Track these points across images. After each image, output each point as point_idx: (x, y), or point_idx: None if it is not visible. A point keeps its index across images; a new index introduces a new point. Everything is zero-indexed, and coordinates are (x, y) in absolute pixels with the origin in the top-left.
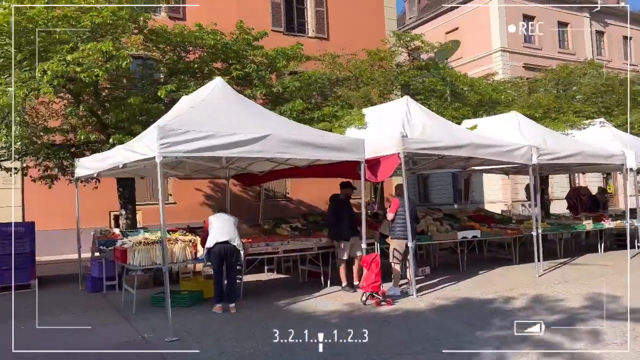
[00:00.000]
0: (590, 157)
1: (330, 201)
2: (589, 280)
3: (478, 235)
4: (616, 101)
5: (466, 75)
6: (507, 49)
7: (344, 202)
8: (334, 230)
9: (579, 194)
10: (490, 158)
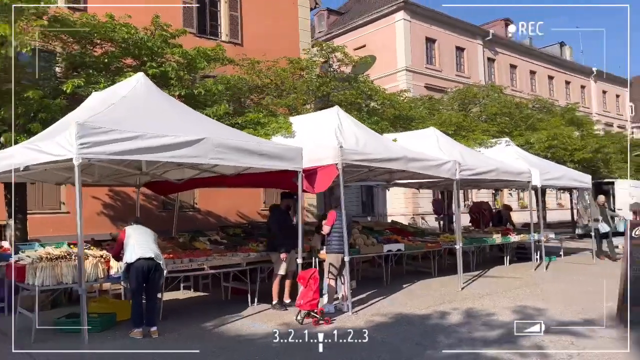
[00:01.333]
0: (504, 173)
1: (271, 211)
2: (508, 292)
3: (402, 249)
4: (513, 123)
5: (385, 90)
6: (411, 68)
7: (286, 213)
8: (276, 242)
9: (481, 208)
10: (420, 172)
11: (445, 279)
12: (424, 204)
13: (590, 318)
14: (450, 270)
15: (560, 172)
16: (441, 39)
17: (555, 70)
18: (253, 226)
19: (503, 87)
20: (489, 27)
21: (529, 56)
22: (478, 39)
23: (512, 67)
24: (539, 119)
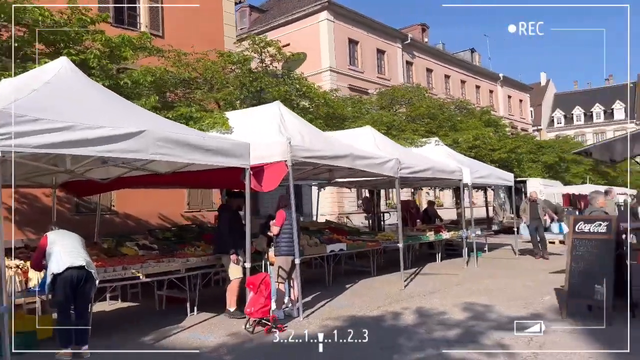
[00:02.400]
0: (439, 172)
1: (222, 212)
2: (450, 289)
3: (344, 249)
4: (437, 124)
5: (319, 87)
6: (335, 69)
7: (237, 214)
8: (229, 244)
9: (409, 207)
10: (365, 169)
11: (385, 278)
12: (347, 204)
13: (536, 312)
14: (387, 268)
15: (488, 171)
16: (363, 41)
17: (467, 75)
18: (203, 228)
19: (427, 88)
20: (407, 31)
21: (444, 61)
22: (397, 42)
23: (429, 71)
24: (459, 120)
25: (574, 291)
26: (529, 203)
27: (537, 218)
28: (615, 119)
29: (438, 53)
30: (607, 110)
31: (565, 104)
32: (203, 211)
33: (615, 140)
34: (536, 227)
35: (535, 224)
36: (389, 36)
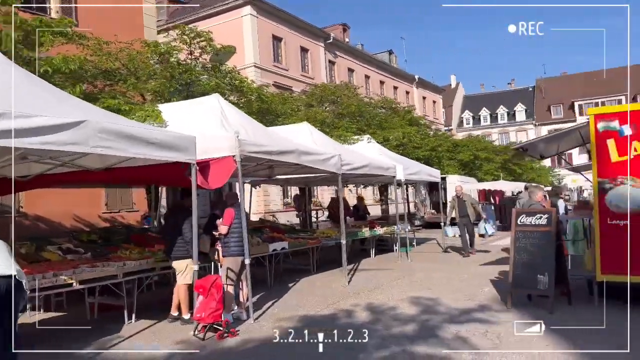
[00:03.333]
0: (375, 168)
1: (179, 213)
2: (392, 284)
3: (287, 247)
4: (365, 122)
5: (252, 82)
6: (260, 65)
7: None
8: (188, 246)
9: (339, 204)
10: (311, 165)
11: (326, 275)
12: (273, 202)
13: (482, 303)
14: (324, 265)
15: (417, 168)
16: (287, 38)
17: (385, 76)
18: (130, 229)
19: (356, 87)
20: (329, 30)
21: (364, 61)
22: (320, 41)
23: (350, 71)
24: (385, 119)
25: (517, 282)
26: (457, 199)
27: (465, 215)
28: (517, 120)
29: (359, 53)
30: (510, 112)
31: (473, 106)
32: (122, 212)
33: (548, 138)
34: (465, 224)
35: (464, 221)
36: (313, 35)
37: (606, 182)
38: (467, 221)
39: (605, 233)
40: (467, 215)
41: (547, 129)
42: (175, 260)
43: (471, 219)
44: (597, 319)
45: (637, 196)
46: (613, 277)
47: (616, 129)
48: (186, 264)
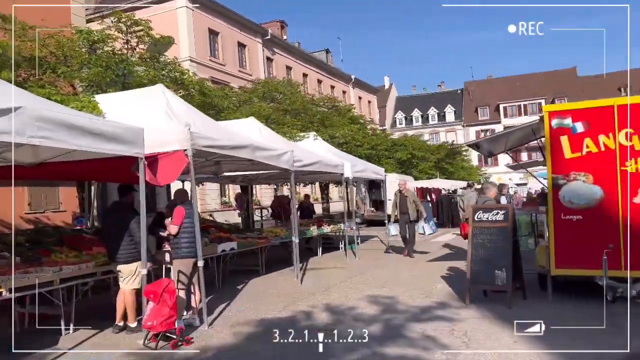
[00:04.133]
0: (325, 165)
1: (121, 211)
2: (345, 283)
3: (235, 247)
4: (308, 119)
5: (194, 75)
6: (196, 59)
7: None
8: (137, 247)
9: (283, 202)
10: (264, 161)
11: (275, 276)
12: (210, 201)
13: (440, 300)
14: (271, 266)
15: (363, 166)
16: (224, 33)
17: (323, 75)
18: (61, 230)
19: (299, 83)
20: (267, 27)
21: (302, 59)
22: (258, 37)
23: (288, 69)
24: (327, 117)
25: (475, 278)
26: (399, 195)
27: (406, 212)
28: (447, 121)
29: (297, 51)
30: (440, 113)
31: (405, 107)
32: (48, 212)
33: (498, 136)
34: (406, 222)
35: (405, 218)
36: (250, 30)
37: (560, 177)
38: (408, 219)
39: (559, 228)
40: (408, 212)
41: (474, 130)
42: (123, 263)
43: (411, 217)
44: (553, 312)
45: (589, 192)
46: (567, 271)
47: (569, 126)
48: (135, 268)
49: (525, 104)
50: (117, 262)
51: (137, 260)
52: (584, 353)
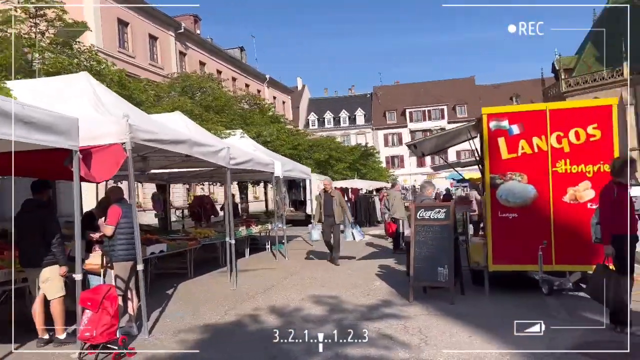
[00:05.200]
0: (257, 164)
1: (38, 209)
2: (283, 284)
3: (165, 250)
4: (230, 117)
5: (113, 65)
6: (103, 50)
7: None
8: (59, 253)
9: (203, 202)
10: (202, 157)
11: (206, 279)
12: None
13: (384, 298)
14: (197, 268)
15: (293, 165)
16: (134, 24)
17: (237, 72)
18: None
19: (221, 79)
20: (179, 20)
21: (217, 56)
22: (170, 30)
23: (202, 64)
24: (248, 115)
25: (418, 275)
26: (324, 196)
27: (332, 215)
28: (358, 124)
29: (211, 47)
30: (351, 115)
31: (318, 108)
32: None
33: (430, 138)
34: (331, 225)
35: (330, 221)
36: (162, 23)
37: (497, 177)
38: (333, 222)
39: (496, 225)
40: (333, 215)
41: (383, 133)
42: (40, 267)
43: (336, 220)
44: (495, 307)
45: (523, 191)
46: (504, 266)
47: (506, 128)
48: (56, 272)
49: (429, 109)
50: (33, 267)
51: (55, 263)
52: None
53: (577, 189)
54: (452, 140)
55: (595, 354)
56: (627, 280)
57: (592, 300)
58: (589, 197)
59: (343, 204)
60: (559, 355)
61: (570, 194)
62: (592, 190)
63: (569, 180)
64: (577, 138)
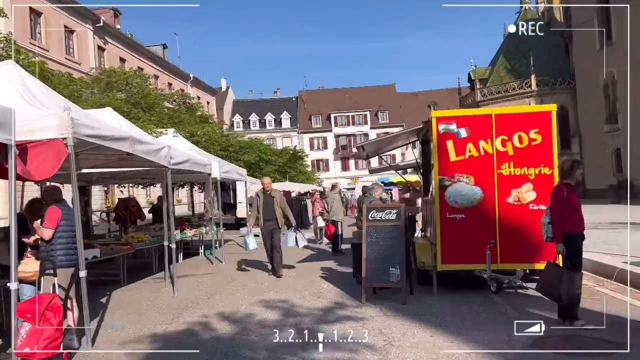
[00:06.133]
0: (195, 164)
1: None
2: (227, 289)
3: (98, 255)
4: (157, 115)
5: (33, 55)
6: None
7: None
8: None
9: (129, 205)
10: (144, 156)
11: (141, 285)
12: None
13: (336, 300)
14: (129, 275)
15: (229, 167)
16: (48, 14)
17: (160, 70)
18: None
19: (148, 75)
20: (98, 13)
21: (138, 52)
22: (88, 23)
23: (122, 60)
24: (177, 114)
25: (370, 276)
26: (263, 197)
27: (273, 219)
28: (283, 127)
29: (132, 43)
30: (277, 119)
31: (243, 110)
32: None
33: (374, 142)
34: (271, 231)
35: (270, 226)
36: (80, 15)
37: (446, 179)
38: (274, 226)
39: (445, 226)
40: (274, 218)
41: (308, 136)
42: None
43: (279, 224)
44: (446, 305)
45: (470, 192)
46: (452, 266)
47: (454, 131)
48: None
49: (353, 114)
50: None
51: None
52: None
53: (520, 190)
54: (393, 144)
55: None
56: (579, 276)
57: (541, 296)
58: (531, 198)
59: (285, 205)
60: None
61: (513, 196)
62: (534, 192)
63: (513, 182)
64: (520, 142)
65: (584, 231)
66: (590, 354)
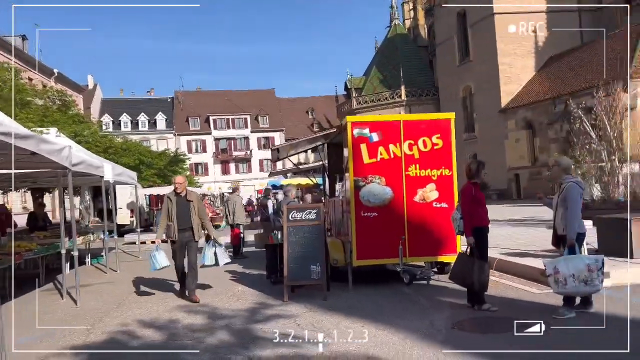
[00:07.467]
0: (89, 167)
1: None
2: (137, 298)
3: None
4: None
5: None
6: None
7: None
8: None
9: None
10: (48, 156)
11: (31, 298)
12: None
13: (258, 301)
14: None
15: (120, 169)
16: None
17: (19, 63)
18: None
19: (9, 66)
20: None
21: None
22: None
23: None
24: (49, 112)
25: (292, 275)
26: (176, 200)
27: (189, 228)
28: (158, 129)
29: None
30: (151, 120)
31: (113, 110)
32: None
33: (287, 145)
34: (185, 243)
35: (185, 238)
36: None
37: (360, 180)
38: (190, 238)
39: (359, 224)
40: (190, 228)
41: (186, 139)
42: None
43: (195, 237)
44: (368, 300)
45: (382, 192)
46: (367, 261)
47: (367, 135)
48: None
49: (233, 117)
50: None
51: None
52: None
53: (424, 190)
54: (305, 146)
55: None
56: (487, 265)
57: (445, 285)
58: (434, 197)
59: (204, 212)
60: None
61: (419, 195)
62: (437, 191)
63: (419, 182)
64: (425, 146)
65: (489, 224)
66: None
